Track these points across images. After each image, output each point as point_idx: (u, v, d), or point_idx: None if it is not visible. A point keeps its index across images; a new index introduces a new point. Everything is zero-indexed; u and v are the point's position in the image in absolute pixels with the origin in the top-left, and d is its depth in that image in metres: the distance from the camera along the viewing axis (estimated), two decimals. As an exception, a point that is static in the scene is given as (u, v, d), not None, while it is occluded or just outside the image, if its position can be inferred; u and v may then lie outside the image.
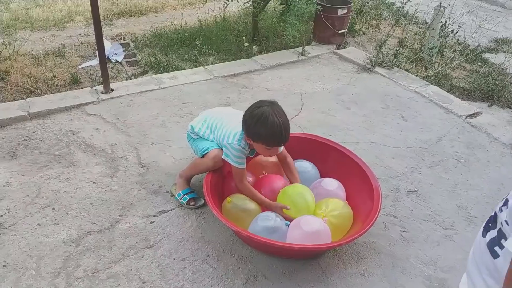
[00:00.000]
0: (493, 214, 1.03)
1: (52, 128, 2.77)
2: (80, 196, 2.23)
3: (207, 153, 2.12)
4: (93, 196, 2.24)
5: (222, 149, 2.10)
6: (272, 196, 2.07)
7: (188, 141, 2.30)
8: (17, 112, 2.85)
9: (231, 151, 2.01)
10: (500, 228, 0.97)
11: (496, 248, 0.98)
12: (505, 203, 0.95)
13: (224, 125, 2.10)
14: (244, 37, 4.22)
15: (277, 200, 2.03)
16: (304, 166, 2.27)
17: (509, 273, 0.91)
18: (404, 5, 5.03)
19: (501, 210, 0.95)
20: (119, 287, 1.77)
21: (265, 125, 1.87)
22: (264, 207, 2.05)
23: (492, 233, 1.00)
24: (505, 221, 0.94)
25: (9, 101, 3.11)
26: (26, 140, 2.66)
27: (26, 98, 3.13)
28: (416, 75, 3.80)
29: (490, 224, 1.03)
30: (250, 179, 2.17)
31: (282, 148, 2.13)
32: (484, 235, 1.04)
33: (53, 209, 2.15)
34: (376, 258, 1.98)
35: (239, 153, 2.01)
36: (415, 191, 2.42)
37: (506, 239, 0.94)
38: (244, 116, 1.97)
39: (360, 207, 2.07)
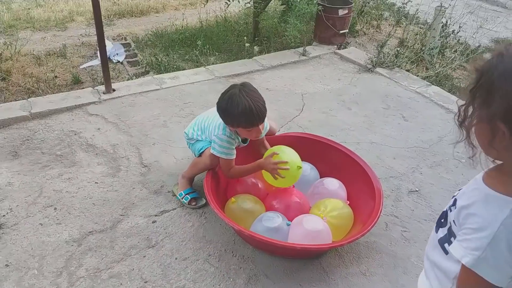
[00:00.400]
0: (445, 210, 1.04)
1: (54, 128, 2.78)
2: (82, 196, 2.24)
3: (203, 151, 2.14)
4: (95, 196, 2.25)
5: None
6: (286, 209, 2.04)
7: (189, 147, 2.33)
8: (19, 112, 2.86)
9: (218, 143, 2.02)
10: (450, 227, 0.99)
11: (446, 245, 1.00)
12: (454, 203, 0.96)
13: (210, 122, 2.14)
14: (245, 37, 4.22)
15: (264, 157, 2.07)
16: (303, 168, 2.26)
17: (458, 281, 0.93)
18: (405, 5, 5.04)
19: (450, 210, 0.96)
20: (121, 287, 1.77)
21: (235, 108, 1.86)
22: (258, 171, 2.09)
23: (444, 230, 1.02)
24: (453, 221, 0.96)
25: (11, 101, 3.11)
26: (28, 140, 2.66)
27: (28, 98, 3.14)
28: (417, 75, 3.80)
29: (442, 220, 1.04)
30: (259, 185, 2.17)
31: (267, 126, 2.15)
32: (436, 230, 1.05)
33: (55, 208, 2.15)
34: (378, 258, 1.98)
35: (225, 143, 2.01)
36: (416, 191, 2.42)
37: (455, 237, 0.96)
38: (217, 104, 1.98)
39: (361, 207, 2.07)
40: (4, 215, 2.09)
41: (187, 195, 2.20)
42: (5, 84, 3.44)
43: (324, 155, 2.34)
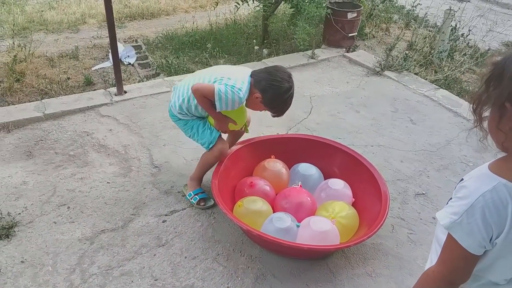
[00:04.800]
0: None
1: (67, 129, 2.85)
2: (94, 195, 2.29)
3: (213, 146, 2.17)
4: (107, 195, 2.30)
5: (223, 138, 2.22)
6: (296, 210, 2.05)
7: (175, 122, 2.25)
8: (33, 113, 2.93)
9: (228, 94, 1.97)
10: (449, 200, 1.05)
11: None
12: (461, 180, 1.02)
13: (232, 73, 2.09)
14: (254, 40, 4.27)
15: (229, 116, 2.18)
16: (309, 170, 2.29)
17: (442, 246, 1.01)
18: (414, 8, 5.04)
19: (455, 187, 1.03)
20: (132, 284, 1.82)
21: (285, 102, 2.08)
22: (212, 116, 2.14)
23: None
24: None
25: (25, 102, 3.19)
26: (42, 140, 2.73)
27: (41, 99, 3.21)
28: (426, 79, 3.81)
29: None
30: (267, 187, 2.18)
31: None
32: None
33: (68, 207, 2.21)
34: (384, 260, 2.01)
35: (231, 102, 2.00)
36: (423, 194, 2.44)
37: None
38: (266, 79, 2.03)
39: (368, 209, 2.09)
40: (19, 213, 2.15)
41: (195, 196, 2.25)
42: (19, 85, 3.51)
43: (332, 157, 2.37)
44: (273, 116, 2.16)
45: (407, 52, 4.11)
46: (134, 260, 1.93)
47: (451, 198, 1.02)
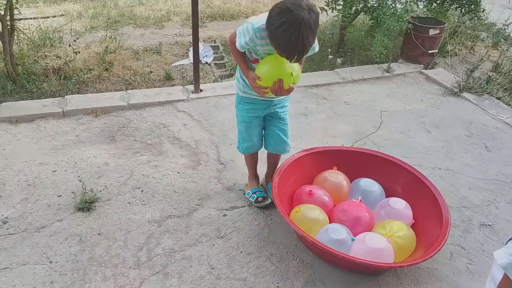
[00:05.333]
0: None
1: (147, 119, 3.10)
2: (165, 183, 2.49)
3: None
4: (176, 184, 2.49)
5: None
6: (353, 224, 2.08)
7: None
8: (119, 102, 3.23)
9: (243, 27, 1.84)
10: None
11: None
12: None
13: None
14: (329, 49, 4.28)
15: (256, 70, 1.91)
16: (371, 186, 2.29)
17: (497, 285, 1.01)
18: (505, 27, 4.73)
19: None
20: (190, 269, 1.97)
21: (284, 36, 1.63)
22: (244, 73, 1.99)
23: None
24: None
25: (111, 91, 3.52)
26: (124, 127, 3.01)
27: (125, 89, 3.52)
28: (509, 105, 3.58)
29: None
30: (326, 197, 2.22)
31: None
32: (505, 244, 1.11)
33: (142, 191, 2.43)
34: (437, 285, 1.96)
35: (245, 31, 1.81)
36: (489, 225, 2.33)
37: None
38: (277, 5, 1.68)
39: (427, 232, 2.06)
40: (100, 191, 2.40)
41: (254, 194, 2.36)
42: (107, 74, 3.88)
43: (396, 176, 2.34)
44: (282, 56, 1.74)
45: (491, 74, 3.89)
46: (195, 247, 2.08)
47: (510, 239, 1.01)
